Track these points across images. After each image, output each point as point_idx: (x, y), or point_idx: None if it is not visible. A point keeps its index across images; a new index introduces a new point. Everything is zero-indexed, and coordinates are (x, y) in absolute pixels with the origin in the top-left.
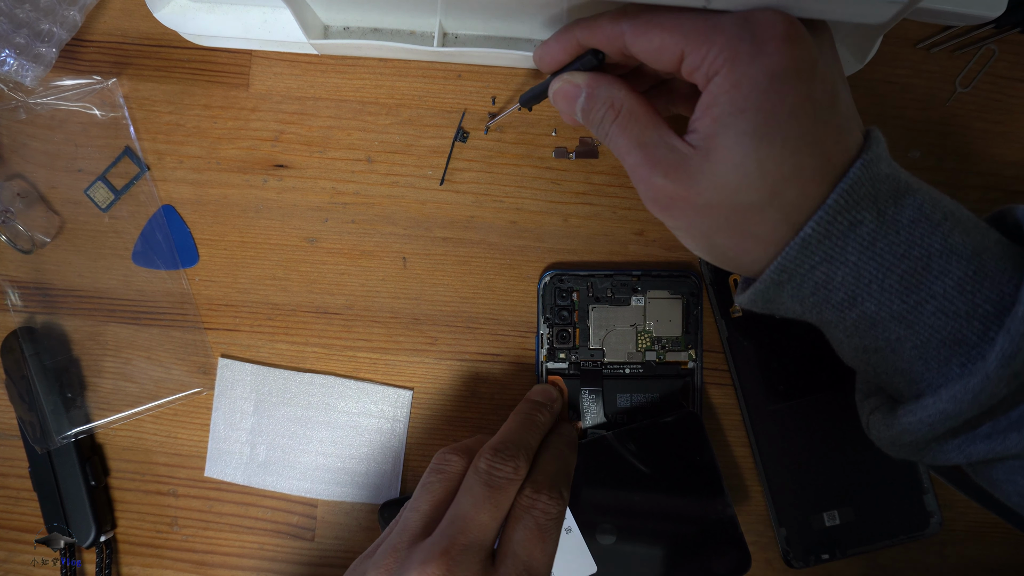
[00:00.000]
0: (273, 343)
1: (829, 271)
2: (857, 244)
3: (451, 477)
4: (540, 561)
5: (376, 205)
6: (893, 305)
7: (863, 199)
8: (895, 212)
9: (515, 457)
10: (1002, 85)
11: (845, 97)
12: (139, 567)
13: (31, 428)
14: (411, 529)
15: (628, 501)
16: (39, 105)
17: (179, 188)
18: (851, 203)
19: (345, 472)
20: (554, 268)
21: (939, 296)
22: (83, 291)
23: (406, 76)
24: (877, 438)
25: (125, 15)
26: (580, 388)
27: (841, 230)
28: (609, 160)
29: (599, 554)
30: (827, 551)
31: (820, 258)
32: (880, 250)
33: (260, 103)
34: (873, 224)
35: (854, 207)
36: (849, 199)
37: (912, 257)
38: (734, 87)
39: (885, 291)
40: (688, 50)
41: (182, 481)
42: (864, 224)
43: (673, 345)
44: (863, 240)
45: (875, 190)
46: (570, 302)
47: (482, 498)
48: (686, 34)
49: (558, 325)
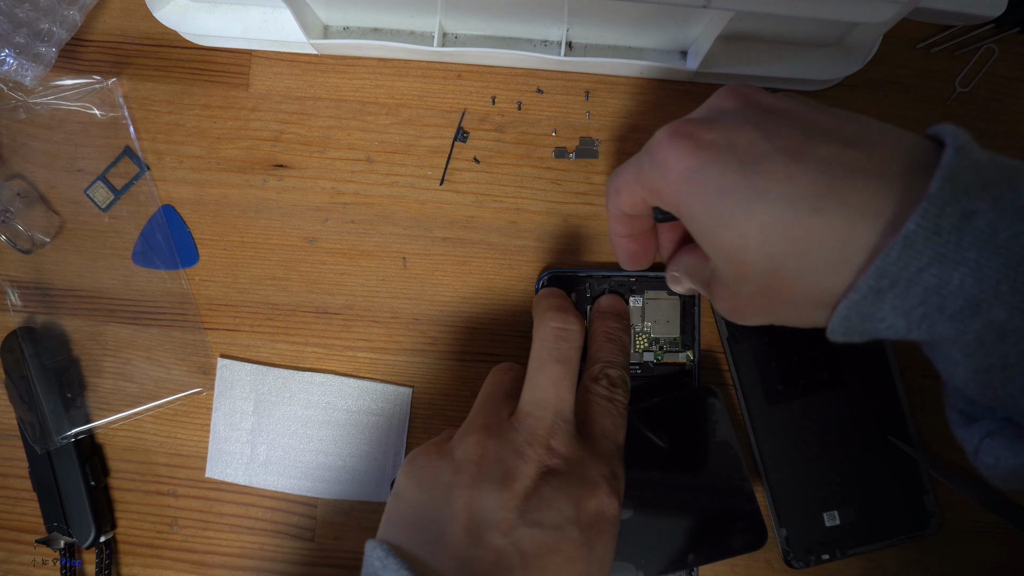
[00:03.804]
0: (273, 343)
1: (942, 273)
2: (976, 237)
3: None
4: (622, 446)
5: (376, 205)
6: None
7: (971, 186)
8: (1013, 197)
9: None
10: (1002, 85)
11: (835, 113)
12: (139, 567)
13: (31, 428)
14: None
15: (645, 476)
16: (39, 105)
17: (179, 188)
18: (958, 191)
19: (346, 471)
20: (552, 269)
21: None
22: (83, 291)
23: (406, 76)
24: (992, 467)
25: (125, 15)
26: None
27: (953, 222)
28: (609, 160)
29: None
30: (827, 551)
31: (929, 257)
32: (1005, 242)
33: (260, 103)
34: (991, 213)
35: (962, 195)
36: (955, 186)
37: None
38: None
39: (1018, 292)
40: (649, 200)
41: (182, 481)
42: (980, 214)
43: (671, 346)
44: (982, 232)
45: (980, 176)
46: None
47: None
48: (642, 187)
49: None
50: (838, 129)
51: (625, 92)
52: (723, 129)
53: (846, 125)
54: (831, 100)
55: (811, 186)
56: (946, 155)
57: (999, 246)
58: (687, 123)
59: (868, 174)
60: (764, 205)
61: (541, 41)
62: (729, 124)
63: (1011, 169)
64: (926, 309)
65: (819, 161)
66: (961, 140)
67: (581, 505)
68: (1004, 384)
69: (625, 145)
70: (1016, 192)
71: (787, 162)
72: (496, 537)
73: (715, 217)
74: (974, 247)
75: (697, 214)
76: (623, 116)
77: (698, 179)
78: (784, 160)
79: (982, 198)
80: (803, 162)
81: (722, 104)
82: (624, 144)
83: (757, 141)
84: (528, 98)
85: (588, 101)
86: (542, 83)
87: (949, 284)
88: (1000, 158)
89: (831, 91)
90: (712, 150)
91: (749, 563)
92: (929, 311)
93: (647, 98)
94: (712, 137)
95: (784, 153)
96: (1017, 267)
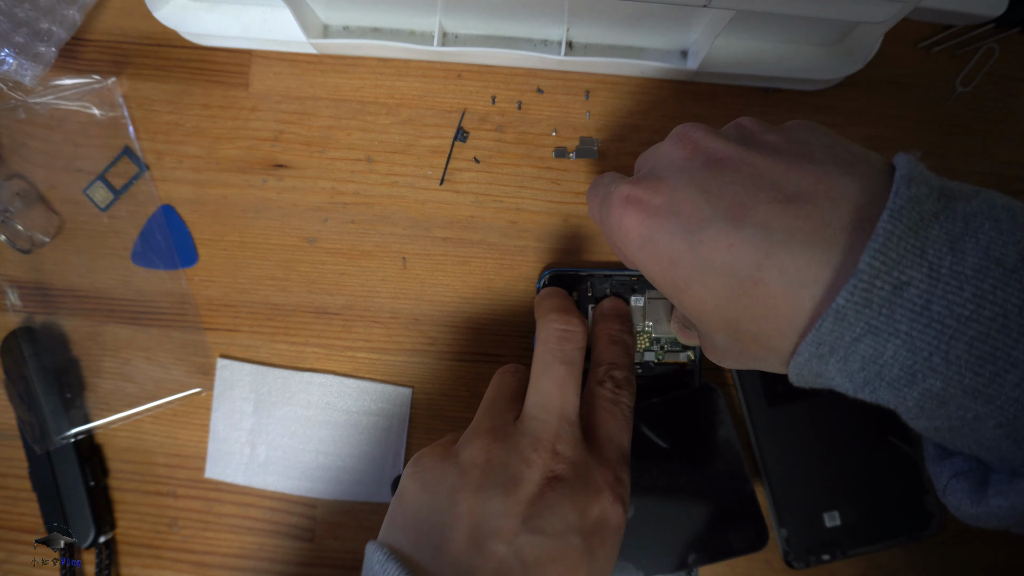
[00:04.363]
0: (273, 343)
1: (876, 344)
2: (907, 310)
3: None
4: (628, 451)
5: (376, 205)
6: (964, 379)
7: (907, 253)
8: (953, 262)
9: (574, 325)
10: (1003, 85)
11: (797, 139)
12: (138, 568)
13: (30, 428)
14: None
15: (647, 476)
16: (38, 104)
17: (178, 188)
18: (890, 262)
19: (345, 471)
20: (553, 268)
21: (1022, 363)
22: (82, 291)
23: (406, 76)
24: (955, 508)
25: (125, 14)
26: None
27: (884, 295)
28: (609, 160)
29: None
30: (827, 551)
31: (863, 329)
32: (938, 314)
33: (260, 103)
34: (925, 283)
35: (895, 266)
36: (887, 258)
37: (982, 319)
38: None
39: (951, 363)
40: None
41: (182, 482)
42: (913, 285)
43: (672, 345)
44: (914, 304)
45: (920, 238)
46: None
47: (561, 377)
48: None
49: None
50: (783, 180)
51: (625, 92)
52: (669, 191)
53: (793, 170)
54: (831, 100)
55: (752, 255)
56: (882, 220)
57: (932, 319)
58: (638, 186)
59: (807, 238)
60: (711, 275)
61: (541, 41)
62: (675, 185)
63: (959, 222)
64: (866, 375)
65: (758, 226)
66: (905, 196)
67: (584, 512)
68: (955, 442)
69: (625, 145)
70: (957, 255)
71: (728, 228)
72: (498, 545)
73: (672, 283)
74: (905, 320)
75: (655, 280)
76: (623, 116)
77: (649, 248)
78: (725, 227)
79: (917, 267)
80: (743, 227)
81: (672, 154)
82: (624, 144)
83: (699, 206)
84: (528, 98)
85: (588, 101)
86: (542, 83)
87: (883, 355)
88: (953, 202)
89: (831, 91)
90: (659, 217)
91: (749, 563)
92: (869, 377)
93: (647, 98)
94: (659, 202)
95: (725, 219)
96: (950, 340)
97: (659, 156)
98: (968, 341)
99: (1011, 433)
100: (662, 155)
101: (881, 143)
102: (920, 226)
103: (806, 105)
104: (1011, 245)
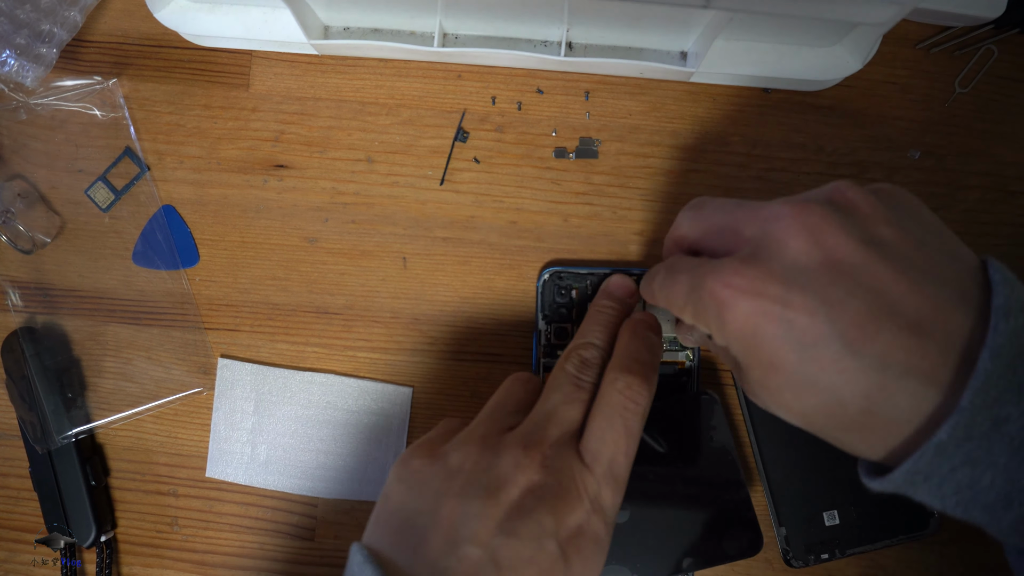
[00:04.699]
0: (273, 343)
1: (974, 474)
2: (1006, 444)
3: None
4: (624, 463)
5: (376, 205)
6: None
7: (1006, 390)
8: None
9: (591, 347)
10: (1001, 85)
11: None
12: (139, 567)
13: (31, 428)
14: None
15: (643, 480)
16: (40, 106)
17: (179, 188)
18: (990, 400)
19: (346, 471)
20: (554, 265)
21: None
22: (83, 291)
23: (406, 76)
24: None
25: (125, 15)
26: None
27: (983, 431)
28: (609, 160)
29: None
30: (827, 551)
31: (961, 460)
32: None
33: (260, 103)
34: (1022, 420)
35: (994, 403)
36: (987, 396)
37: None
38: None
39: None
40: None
41: (182, 481)
42: (1012, 421)
43: (671, 344)
44: (1012, 439)
45: (1018, 375)
46: (569, 299)
47: (570, 395)
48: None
49: (556, 322)
50: (904, 303)
51: (625, 92)
52: (783, 289)
53: (915, 293)
54: (831, 100)
55: (864, 385)
56: (982, 359)
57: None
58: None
59: (923, 377)
60: (812, 390)
61: (541, 41)
62: (791, 286)
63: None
64: (959, 499)
65: (876, 356)
66: (1004, 332)
67: (562, 519)
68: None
69: (625, 145)
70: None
71: (843, 353)
72: (472, 548)
73: (763, 382)
74: (1004, 453)
75: (746, 371)
76: (623, 116)
77: (752, 344)
78: (840, 350)
79: (1015, 404)
80: (861, 356)
81: (787, 241)
82: (624, 144)
83: (818, 320)
84: (528, 98)
85: (588, 101)
86: (542, 83)
87: (980, 483)
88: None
89: (831, 91)
90: (769, 317)
91: (749, 562)
92: (963, 500)
93: (647, 98)
94: (772, 299)
95: (842, 340)
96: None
97: (769, 238)
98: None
99: None
100: (772, 239)
101: (881, 143)
102: (1018, 361)
103: (806, 105)
104: None
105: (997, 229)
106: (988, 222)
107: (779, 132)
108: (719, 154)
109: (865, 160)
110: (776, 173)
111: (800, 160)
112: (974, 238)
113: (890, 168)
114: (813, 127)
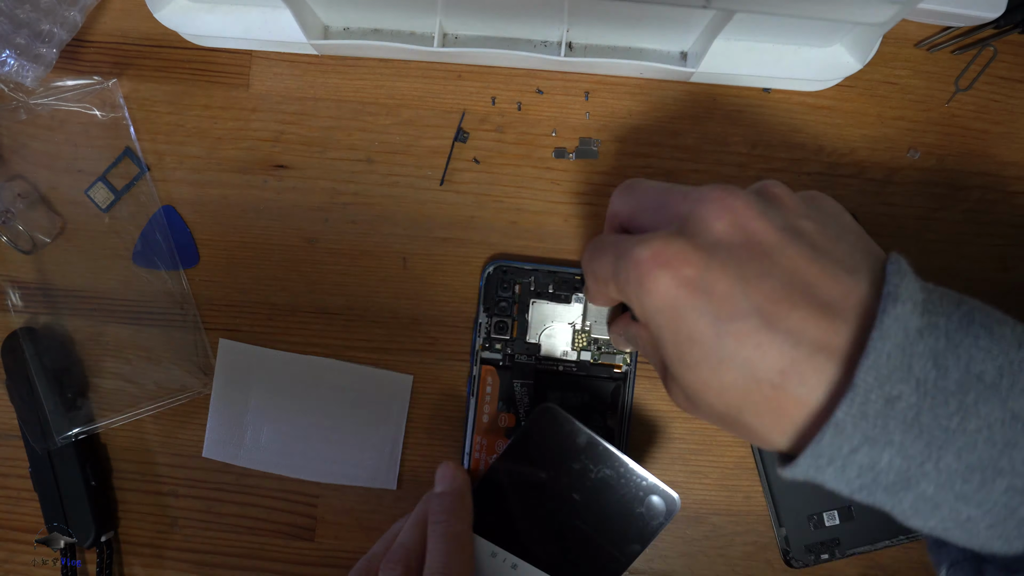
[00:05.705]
0: (273, 343)
1: (872, 454)
2: (899, 422)
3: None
4: (440, 567)
5: (376, 205)
6: (955, 485)
7: (896, 368)
8: (937, 377)
9: (400, 563)
10: (1001, 85)
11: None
12: (140, 567)
13: (32, 428)
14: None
15: (548, 512)
16: (39, 106)
17: (179, 188)
18: (882, 377)
19: (344, 456)
20: (498, 259)
21: (1008, 471)
22: (84, 291)
23: (406, 76)
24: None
25: (125, 15)
26: (512, 380)
27: (877, 408)
28: (609, 160)
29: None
30: (827, 551)
31: (859, 440)
32: (927, 425)
33: (260, 103)
34: (913, 397)
35: (886, 380)
36: (879, 373)
37: (968, 431)
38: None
39: (942, 471)
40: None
41: (182, 481)
42: (903, 398)
43: (609, 347)
44: (905, 416)
45: (907, 354)
46: (511, 294)
47: None
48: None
49: (497, 316)
50: (818, 285)
51: (625, 92)
52: (703, 265)
53: (828, 278)
54: (831, 100)
55: (777, 359)
56: (872, 339)
57: (922, 429)
58: (669, 247)
59: (831, 355)
60: (728, 366)
61: (541, 42)
62: (711, 263)
63: (944, 335)
64: (863, 481)
65: (790, 332)
66: (891, 315)
67: None
68: (950, 538)
69: (625, 146)
70: (940, 369)
71: (759, 327)
72: None
73: (680, 357)
74: (898, 430)
75: (665, 347)
76: (623, 116)
77: (670, 316)
78: (757, 324)
79: (905, 382)
80: (775, 330)
81: (710, 221)
82: (624, 144)
83: (734, 294)
84: (528, 98)
85: (588, 101)
86: (542, 83)
87: (879, 463)
88: (938, 317)
89: (831, 91)
90: (689, 290)
91: (749, 563)
92: (865, 483)
93: (647, 98)
94: (690, 274)
95: (758, 315)
96: (939, 449)
97: (694, 217)
98: (956, 451)
99: (1001, 534)
100: (697, 218)
101: (881, 143)
102: (906, 343)
103: (806, 105)
104: (989, 361)
105: (997, 229)
106: (988, 222)
107: (779, 132)
108: (719, 154)
109: (865, 160)
110: (776, 173)
111: (800, 160)
112: (974, 238)
113: (890, 168)
114: (813, 127)
